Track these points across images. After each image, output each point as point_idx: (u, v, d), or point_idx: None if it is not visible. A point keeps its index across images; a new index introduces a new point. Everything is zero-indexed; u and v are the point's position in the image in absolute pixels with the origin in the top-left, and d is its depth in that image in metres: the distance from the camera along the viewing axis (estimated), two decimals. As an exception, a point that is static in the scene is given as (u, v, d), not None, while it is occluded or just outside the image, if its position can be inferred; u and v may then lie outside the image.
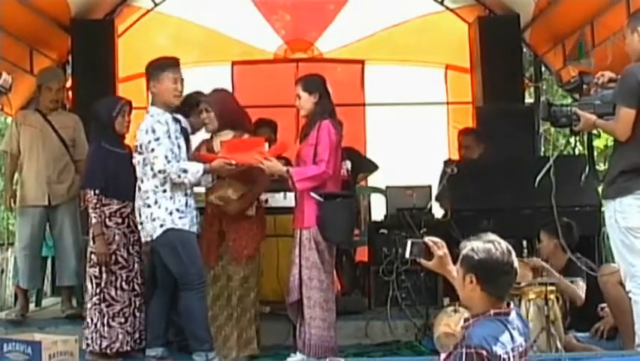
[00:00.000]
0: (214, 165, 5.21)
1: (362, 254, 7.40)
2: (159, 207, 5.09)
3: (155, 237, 5.11)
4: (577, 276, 5.58)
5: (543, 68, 9.65)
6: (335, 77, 8.13)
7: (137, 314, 5.50)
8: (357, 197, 7.53)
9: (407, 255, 3.51)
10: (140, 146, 5.14)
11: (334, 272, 5.70)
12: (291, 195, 6.23)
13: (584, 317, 5.60)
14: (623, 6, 6.72)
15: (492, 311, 3.22)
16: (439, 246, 3.46)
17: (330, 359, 4.94)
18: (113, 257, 5.47)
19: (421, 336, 6.13)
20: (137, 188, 5.21)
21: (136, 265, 5.54)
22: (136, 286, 5.52)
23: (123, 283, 5.48)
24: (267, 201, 6.52)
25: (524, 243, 7.13)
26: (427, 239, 3.49)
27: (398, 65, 9.76)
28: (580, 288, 5.57)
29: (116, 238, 5.49)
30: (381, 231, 6.88)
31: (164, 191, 5.10)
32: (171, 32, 9.47)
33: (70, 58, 8.83)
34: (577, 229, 5.81)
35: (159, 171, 5.06)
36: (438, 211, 7.21)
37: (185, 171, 5.08)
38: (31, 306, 7.30)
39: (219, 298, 5.56)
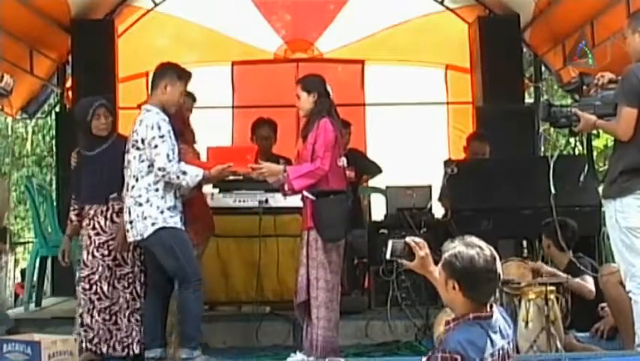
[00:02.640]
0: (213, 172, 5.18)
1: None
2: (151, 205, 5.03)
3: (145, 235, 5.04)
4: (579, 275, 5.59)
5: (543, 68, 9.66)
6: (335, 77, 8.14)
7: (96, 316, 5.35)
8: (358, 197, 7.56)
9: (388, 255, 3.47)
10: (142, 141, 5.03)
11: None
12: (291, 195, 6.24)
13: (584, 316, 5.60)
14: (623, 6, 6.73)
15: (471, 315, 3.20)
16: (420, 246, 3.42)
17: (330, 359, 4.94)
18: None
19: (421, 336, 6.12)
20: (126, 185, 5.11)
21: (100, 268, 5.38)
22: (98, 289, 5.36)
23: (82, 283, 5.40)
24: (267, 201, 6.53)
25: (524, 243, 7.14)
26: (409, 239, 3.45)
27: (398, 65, 9.77)
28: (589, 283, 5.56)
29: (83, 238, 5.46)
30: (381, 231, 6.88)
31: (157, 190, 5.05)
32: (171, 32, 9.48)
33: (70, 58, 8.85)
34: (574, 227, 5.80)
35: (159, 169, 4.99)
36: (438, 211, 7.22)
37: (184, 173, 5.03)
38: (31, 306, 7.31)
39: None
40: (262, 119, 7.28)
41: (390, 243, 3.44)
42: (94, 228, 5.42)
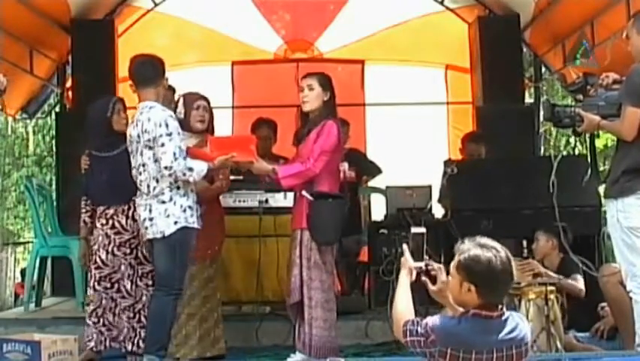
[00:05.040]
0: (217, 164, 5.16)
1: (363, 254, 7.40)
2: (174, 203, 4.99)
3: (167, 233, 4.97)
4: (570, 274, 5.60)
5: (543, 68, 9.66)
6: (335, 77, 8.08)
7: (120, 314, 5.38)
8: (358, 198, 7.56)
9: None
10: (154, 139, 4.96)
11: (335, 272, 5.68)
12: (290, 195, 6.24)
13: (584, 316, 5.60)
14: (623, 6, 6.73)
15: (471, 312, 3.23)
16: (440, 272, 3.44)
17: (330, 359, 4.94)
18: (92, 257, 5.46)
19: (421, 336, 6.11)
20: (146, 186, 5.03)
21: (122, 267, 5.40)
22: (122, 288, 5.38)
23: (95, 284, 5.39)
24: (267, 201, 6.53)
25: (524, 243, 7.13)
26: (432, 264, 3.47)
27: (398, 65, 9.77)
28: (579, 282, 5.58)
29: (99, 238, 5.45)
30: (381, 231, 6.87)
31: (178, 188, 5.01)
32: (171, 32, 9.47)
33: (70, 58, 8.85)
34: (570, 231, 5.81)
35: (165, 167, 4.92)
36: (438, 211, 7.21)
37: (191, 169, 4.97)
38: (31, 306, 7.31)
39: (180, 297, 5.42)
40: (262, 119, 7.27)
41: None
42: (113, 227, 5.42)
